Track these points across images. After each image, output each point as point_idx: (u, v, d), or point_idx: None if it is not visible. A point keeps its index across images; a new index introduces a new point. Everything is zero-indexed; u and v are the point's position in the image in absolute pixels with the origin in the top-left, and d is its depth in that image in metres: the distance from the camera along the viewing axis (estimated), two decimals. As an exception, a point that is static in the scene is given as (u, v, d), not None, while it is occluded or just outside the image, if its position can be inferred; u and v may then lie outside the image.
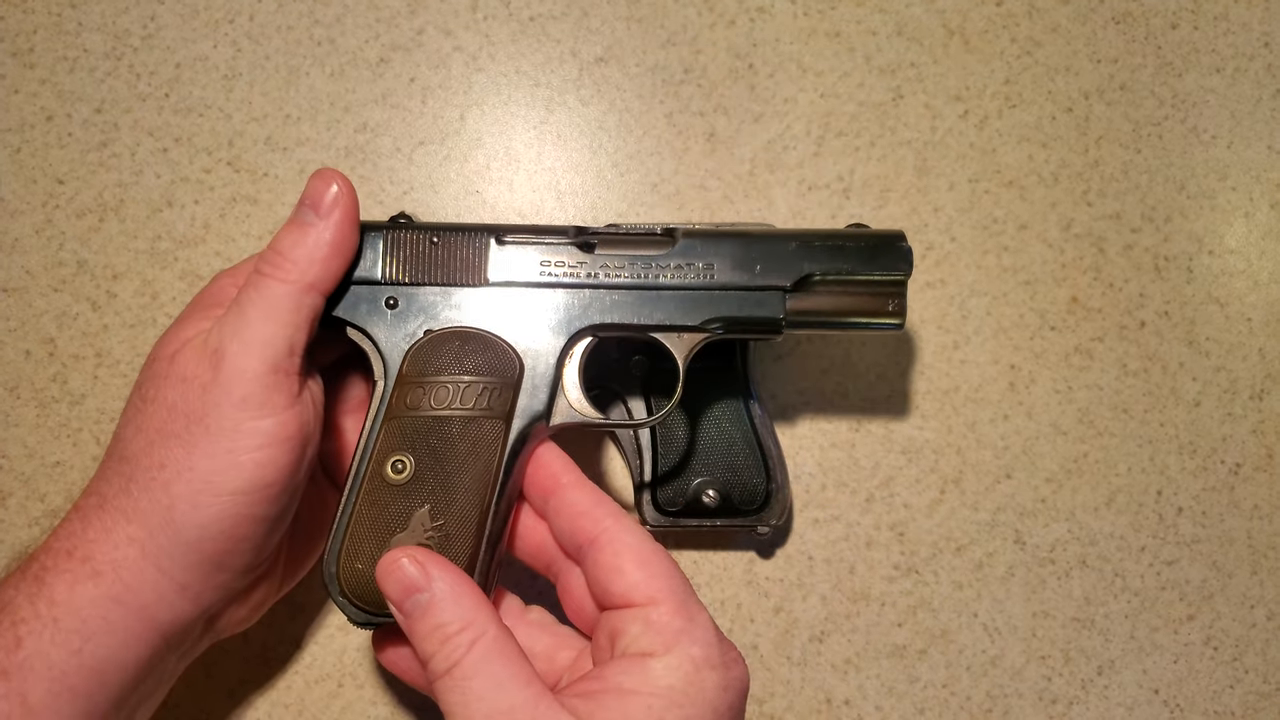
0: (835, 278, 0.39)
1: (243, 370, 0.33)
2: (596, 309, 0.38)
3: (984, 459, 0.48)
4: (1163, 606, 0.48)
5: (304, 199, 0.36)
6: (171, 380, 0.34)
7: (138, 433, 0.34)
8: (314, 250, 0.35)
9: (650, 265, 0.38)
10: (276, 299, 0.34)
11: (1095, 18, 0.51)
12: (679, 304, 0.38)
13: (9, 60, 0.49)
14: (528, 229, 0.38)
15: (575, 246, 0.38)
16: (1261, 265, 0.50)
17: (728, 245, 0.38)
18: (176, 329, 0.36)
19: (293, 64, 0.49)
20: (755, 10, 0.50)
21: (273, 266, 0.35)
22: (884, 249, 0.39)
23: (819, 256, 0.39)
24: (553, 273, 0.37)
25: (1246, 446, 0.49)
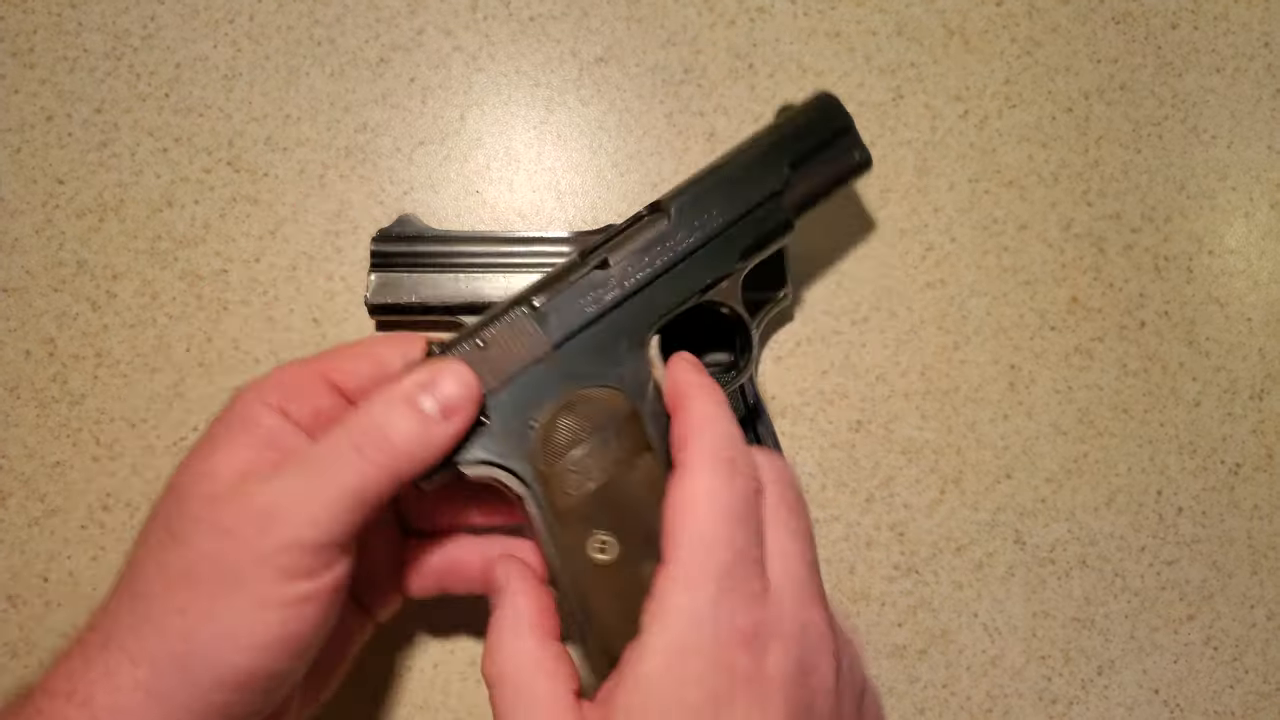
0: (805, 159, 0.40)
1: (298, 542, 0.30)
2: (645, 310, 0.37)
3: (984, 459, 0.48)
4: (1163, 606, 0.48)
5: (431, 388, 0.32)
6: (207, 528, 0.30)
7: (160, 572, 0.31)
8: (426, 450, 0.32)
9: (664, 245, 0.37)
10: (363, 482, 0.31)
11: (1095, 18, 0.51)
12: (707, 261, 0.38)
13: (9, 60, 0.49)
14: (549, 282, 0.36)
15: (595, 270, 0.37)
16: (1261, 265, 0.50)
17: (715, 189, 0.38)
18: (206, 457, 0.32)
19: (293, 64, 0.49)
20: (755, 10, 0.50)
21: (374, 449, 0.31)
22: (824, 112, 0.41)
23: (787, 149, 0.40)
24: (593, 304, 0.36)
25: (1246, 446, 0.49)
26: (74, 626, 0.45)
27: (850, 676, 0.31)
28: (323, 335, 0.47)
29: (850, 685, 0.31)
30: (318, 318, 0.47)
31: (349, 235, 0.48)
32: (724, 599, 0.29)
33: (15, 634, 0.45)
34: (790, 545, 0.31)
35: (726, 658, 0.28)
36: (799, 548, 0.31)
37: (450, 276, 0.45)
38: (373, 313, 0.45)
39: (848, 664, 0.31)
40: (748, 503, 0.31)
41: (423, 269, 0.45)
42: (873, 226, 0.49)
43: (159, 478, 0.46)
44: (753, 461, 0.32)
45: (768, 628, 0.29)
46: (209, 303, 0.47)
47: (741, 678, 0.28)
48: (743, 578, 0.29)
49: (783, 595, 0.30)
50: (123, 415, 0.46)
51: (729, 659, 0.28)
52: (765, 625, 0.29)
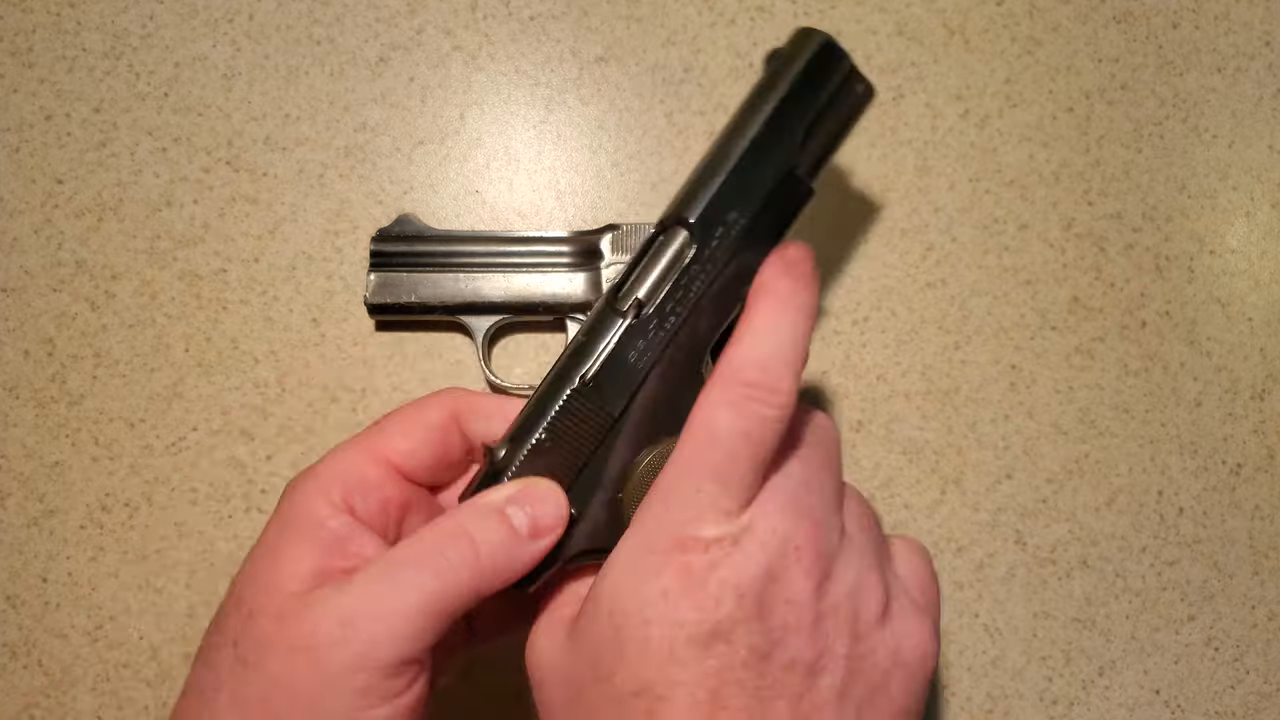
0: (815, 121, 0.35)
1: (376, 660, 0.28)
2: (693, 340, 0.33)
3: (985, 459, 0.48)
4: (1164, 607, 0.47)
5: (523, 502, 0.31)
6: (280, 650, 0.28)
7: (233, 703, 0.28)
8: (510, 566, 0.30)
9: (693, 268, 0.33)
10: (444, 589, 0.29)
11: (1096, 17, 0.51)
12: (740, 266, 0.33)
13: (8, 59, 0.49)
14: (588, 345, 0.33)
15: (633, 322, 0.33)
16: (1263, 265, 0.50)
17: (730, 186, 0.33)
18: (270, 568, 0.30)
19: (292, 63, 0.49)
20: (755, 9, 0.50)
21: (458, 555, 0.29)
22: (821, 57, 0.35)
23: (795, 116, 0.34)
24: (641, 356, 0.33)
25: (1248, 447, 0.49)
26: (72, 627, 0.45)
27: (849, 603, 0.30)
28: (322, 335, 0.47)
29: (843, 607, 0.30)
30: (317, 317, 0.47)
31: (348, 235, 0.48)
32: (690, 509, 0.29)
33: (15, 634, 0.45)
34: (793, 462, 0.31)
35: (681, 560, 0.29)
36: (800, 465, 0.31)
37: (450, 276, 0.45)
38: (372, 312, 0.45)
39: (846, 589, 0.30)
40: (747, 433, 0.30)
41: (422, 269, 0.45)
42: (873, 226, 0.49)
43: (158, 478, 0.46)
44: (783, 390, 0.31)
45: (733, 536, 0.29)
46: (208, 302, 0.47)
47: (693, 579, 0.29)
48: (715, 494, 0.29)
49: (763, 509, 0.30)
50: (122, 415, 0.46)
51: (683, 561, 0.29)
52: (730, 535, 0.29)
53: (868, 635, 0.30)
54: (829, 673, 0.29)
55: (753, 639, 0.28)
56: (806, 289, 0.32)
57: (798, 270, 0.32)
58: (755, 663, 0.28)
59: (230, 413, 0.46)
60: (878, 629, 0.30)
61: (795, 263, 0.32)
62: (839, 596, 0.30)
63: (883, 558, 0.33)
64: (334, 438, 0.46)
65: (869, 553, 0.32)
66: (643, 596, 0.29)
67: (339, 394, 0.47)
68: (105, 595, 0.45)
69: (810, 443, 0.33)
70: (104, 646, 0.45)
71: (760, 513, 0.30)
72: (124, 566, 0.46)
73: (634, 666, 0.28)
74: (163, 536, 0.46)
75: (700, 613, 0.28)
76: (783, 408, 0.31)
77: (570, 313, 0.45)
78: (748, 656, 0.28)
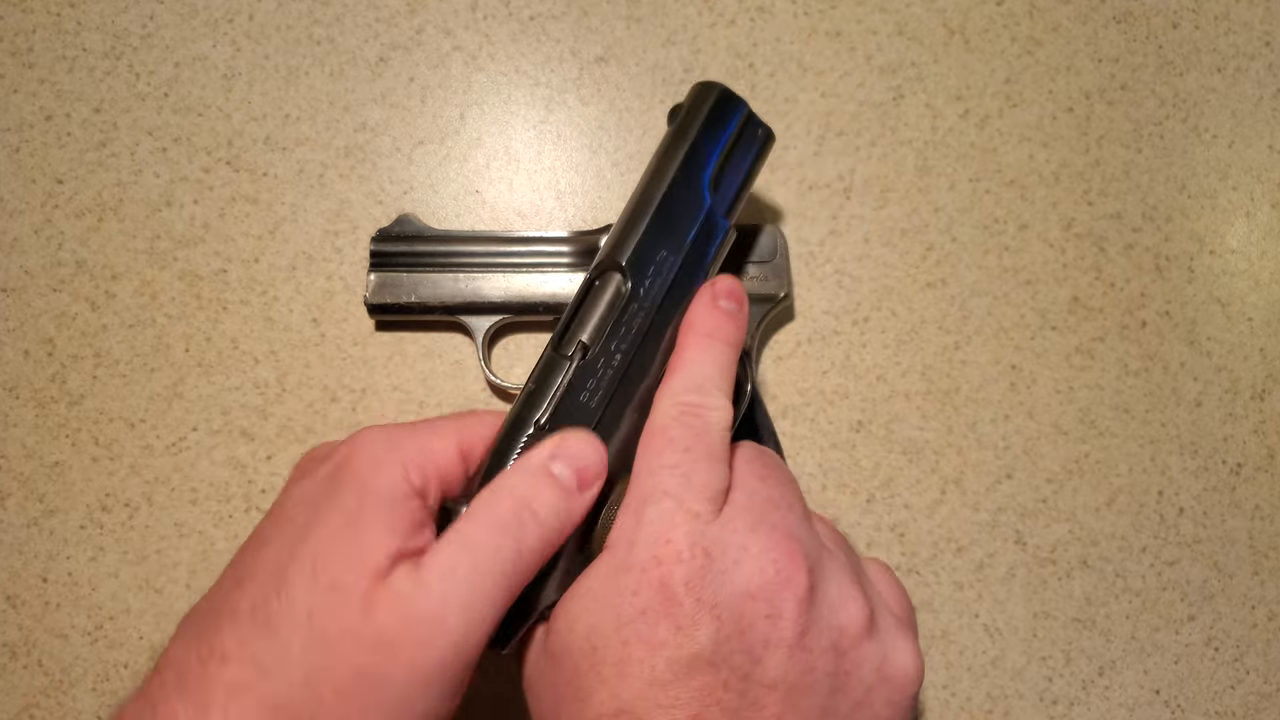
0: (720, 166, 0.38)
1: (466, 653, 0.27)
2: (642, 373, 0.34)
3: (985, 459, 0.48)
4: (1164, 607, 0.47)
5: (563, 456, 0.30)
6: (366, 641, 0.26)
7: (307, 682, 0.26)
8: (568, 523, 0.30)
9: (632, 307, 0.34)
10: (519, 565, 0.28)
11: (1096, 17, 0.51)
12: (677, 300, 0.35)
13: (8, 60, 0.49)
14: (538, 392, 0.33)
15: (581, 363, 0.33)
16: (1263, 265, 0.50)
17: (654, 229, 0.35)
18: (354, 535, 0.28)
19: (292, 63, 0.49)
20: (755, 10, 0.50)
21: (525, 528, 0.29)
22: (717, 106, 0.38)
23: (700, 162, 0.37)
24: (593, 395, 0.33)
25: (1248, 447, 0.49)
26: (72, 627, 0.45)
27: (831, 616, 0.30)
28: (322, 335, 0.47)
29: (825, 621, 0.30)
30: (317, 317, 0.47)
31: (348, 235, 0.48)
32: (662, 519, 0.30)
33: (15, 634, 0.45)
34: (753, 481, 0.32)
35: (656, 574, 0.29)
36: (762, 484, 0.32)
37: (450, 276, 0.45)
38: (372, 312, 0.45)
39: (827, 603, 0.30)
40: (697, 434, 0.31)
41: (422, 269, 0.45)
42: (873, 226, 0.49)
43: (158, 478, 0.46)
44: (720, 404, 0.32)
45: (705, 549, 0.29)
46: (208, 303, 0.47)
47: (670, 597, 0.28)
48: (685, 500, 0.30)
49: (732, 525, 0.30)
50: (122, 415, 0.46)
51: (659, 575, 0.29)
52: (703, 546, 0.29)
53: (852, 650, 0.30)
54: (813, 690, 0.29)
55: (734, 659, 0.28)
56: (729, 322, 0.34)
57: (720, 306, 0.34)
58: (736, 683, 0.28)
59: (230, 413, 0.46)
60: (862, 642, 0.30)
61: (719, 296, 0.35)
62: (821, 610, 0.30)
63: (860, 573, 0.33)
64: (334, 438, 0.46)
65: (848, 567, 0.32)
66: (620, 615, 0.29)
67: (339, 394, 0.47)
68: (105, 595, 0.45)
69: (767, 466, 0.33)
70: (104, 646, 0.45)
71: (729, 529, 0.30)
72: (124, 566, 0.46)
73: (613, 687, 0.28)
74: (163, 536, 0.46)
75: (679, 634, 0.28)
76: (723, 412, 0.32)
77: (570, 313, 0.45)
78: (729, 677, 0.28)
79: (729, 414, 0.32)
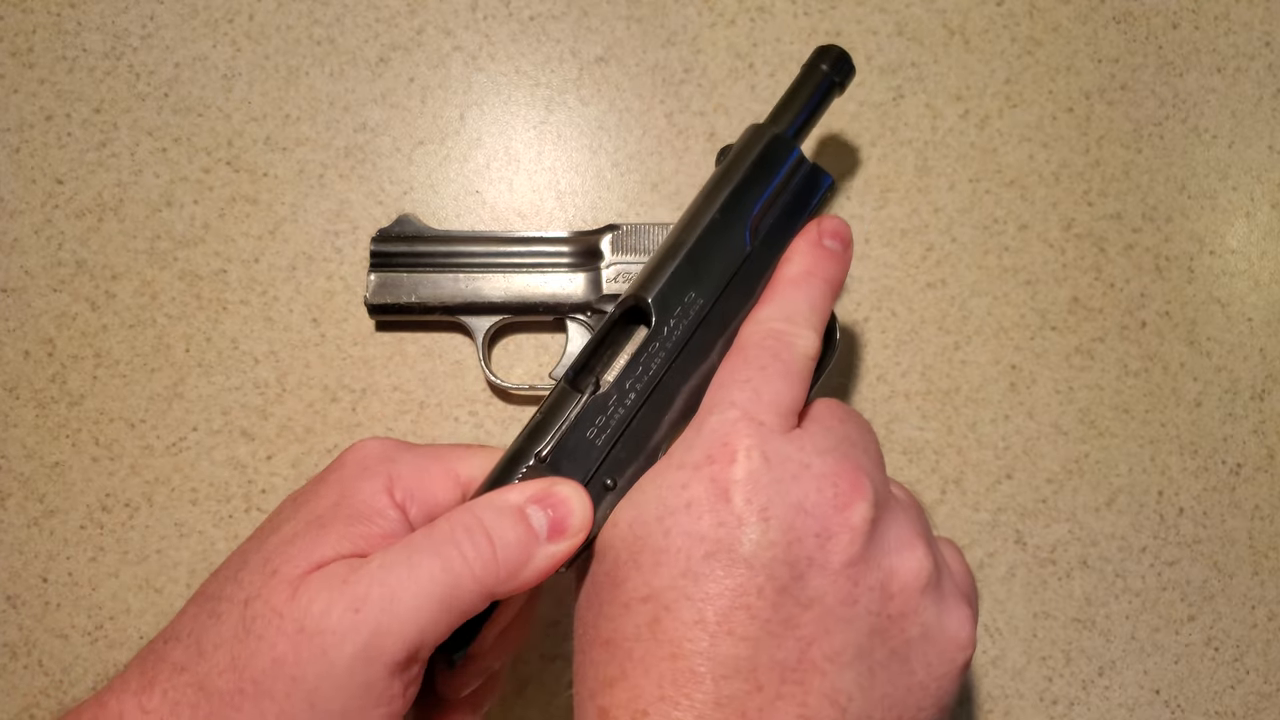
0: (766, 212, 0.36)
1: (382, 653, 0.27)
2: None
3: (985, 459, 0.48)
4: (1164, 607, 0.47)
5: (543, 502, 0.30)
6: (289, 629, 0.27)
7: (232, 668, 0.27)
8: (523, 571, 0.29)
9: (653, 347, 0.33)
10: (456, 583, 0.27)
11: (1096, 17, 0.51)
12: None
13: (8, 60, 0.49)
14: (545, 424, 0.32)
15: (590, 399, 0.32)
16: (1263, 265, 0.50)
17: (687, 271, 0.34)
18: (317, 535, 0.28)
19: (292, 64, 0.49)
20: (756, 10, 0.50)
21: (474, 551, 0.28)
22: (769, 152, 0.36)
23: (746, 201, 0.35)
24: (600, 433, 0.32)
25: (1248, 447, 0.49)
26: (72, 627, 0.45)
27: (886, 558, 0.28)
28: (322, 335, 0.47)
29: (878, 560, 0.28)
30: (317, 318, 0.47)
31: (348, 235, 0.48)
32: (723, 425, 0.29)
33: (15, 634, 0.45)
34: (831, 420, 0.31)
35: (709, 470, 0.28)
36: (840, 424, 0.31)
37: (450, 276, 0.45)
38: (372, 313, 0.45)
39: (884, 544, 0.29)
40: (775, 354, 0.30)
41: (422, 269, 0.45)
42: (873, 226, 0.49)
43: (158, 478, 0.46)
44: (807, 336, 0.31)
45: (764, 454, 0.28)
46: (208, 303, 0.47)
47: (719, 493, 0.28)
48: (752, 410, 0.29)
49: (800, 445, 0.29)
50: (122, 415, 0.46)
51: (712, 472, 0.28)
52: (762, 450, 0.28)
53: (901, 595, 0.28)
54: (850, 623, 0.27)
55: (774, 568, 0.27)
56: (831, 260, 0.33)
57: (824, 245, 0.33)
58: (772, 593, 0.27)
59: (230, 413, 0.46)
60: (915, 595, 0.28)
61: (824, 235, 0.34)
62: (875, 547, 0.28)
63: (930, 535, 0.31)
64: (334, 438, 0.46)
65: (916, 521, 0.30)
66: (666, 505, 0.28)
67: (339, 394, 0.47)
68: (105, 595, 0.45)
69: (850, 413, 0.32)
70: (104, 646, 0.45)
71: (795, 445, 0.29)
72: (124, 566, 0.46)
73: (646, 573, 0.28)
74: (163, 536, 0.46)
75: (722, 529, 0.27)
76: (808, 341, 0.31)
77: (570, 313, 0.45)
78: (765, 585, 0.27)
79: (815, 345, 0.31)
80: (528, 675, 0.45)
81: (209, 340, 0.47)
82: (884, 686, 0.28)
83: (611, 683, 0.27)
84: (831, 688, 0.27)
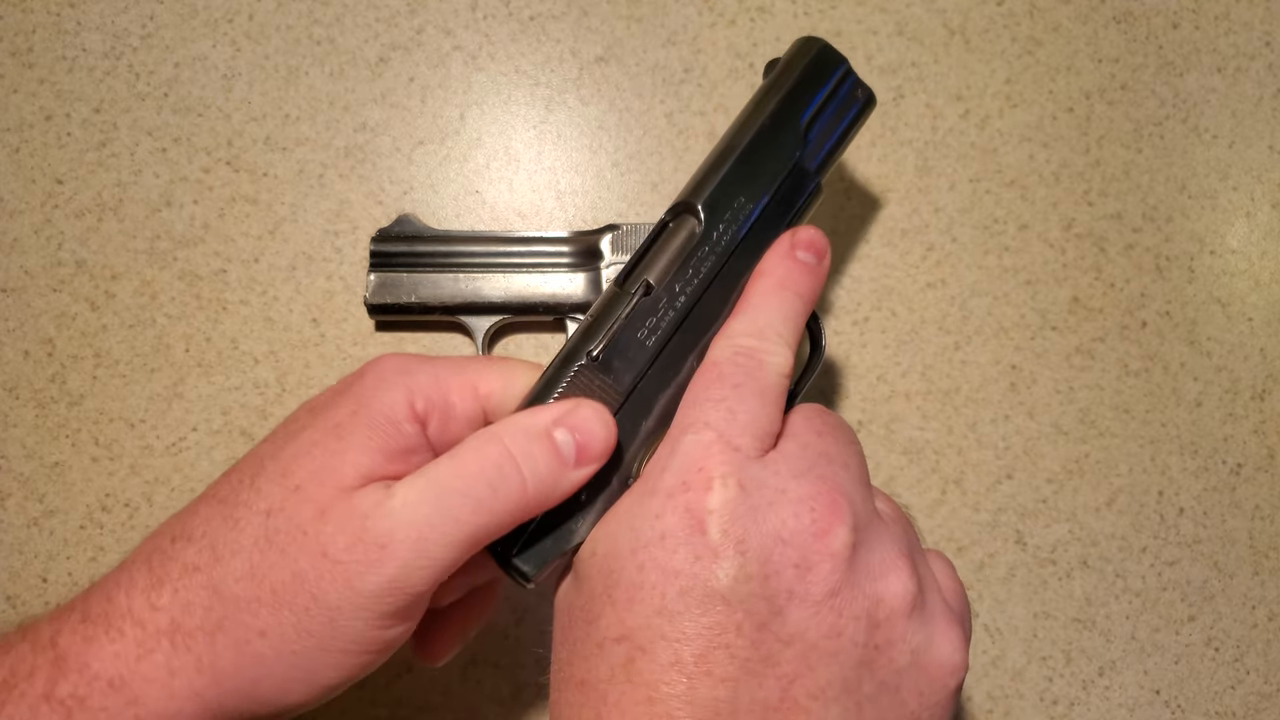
0: (815, 116, 0.36)
1: (407, 587, 0.27)
2: (703, 321, 0.33)
3: (985, 459, 0.48)
4: (1164, 607, 0.47)
5: (570, 425, 0.29)
6: (313, 549, 0.27)
7: (250, 576, 0.27)
8: (551, 496, 0.29)
9: (702, 250, 0.33)
10: (489, 522, 0.27)
11: (1096, 17, 0.51)
12: (750, 252, 0.34)
13: (7, 60, 0.49)
14: (597, 324, 0.33)
15: (642, 298, 0.33)
16: (1263, 265, 0.50)
17: (736, 174, 0.35)
18: (336, 446, 0.28)
19: (292, 63, 0.49)
20: (756, 9, 0.50)
21: (507, 489, 0.28)
22: (818, 60, 0.37)
23: (795, 110, 0.36)
24: (651, 334, 0.33)
25: (1248, 447, 0.49)
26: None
27: (870, 584, 0.28)
28: (322, 335, 0.47)
29: (862, 587, 0.27)
30: (317, 318, 0.47)
31: (348, 235, 0.48)
32: (698, 448, 0.28)
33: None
34: (808, 434, 0.30)
35: (683, 499, 0.27)
36: (818, 439, 0.30)
37: (450, 276, 0.45)
38: (372, 313, 0.45)
39: (867, 569, 0.28)
40: (748, 372, 0.30)
41: (422, 269, 0.45)
42: (873, 226, 0.49)
43: (158, 478, 0.46)
44: (779, 351, 0.31)
45: (740, 482, 0.28)
46: (208, 303, 0.47)
47: (694, 524, 0.27)
48: (726, 432, 0.29)
49: (775, 468, 0.28)
50: (122, 415, 0.46)
51: (686, 501, 0.27)
52: (738, 478, 0.28)
53: (887, 624, 0.27)
54: (835, 657, 0.26)
55: (752, 603, 0.26)
56: (804, 274, 0.33)
57: (796, 257, 0.33)
58: (751, 630, 0.26)
59: (230, 413, 0.46)
60: (901, 620, 0.27)
61: (798, 246, 0.33)
62: (858, 573, 0.27)
63: (916, 551, 0.30)
64: (334, 438, 0.46)
65: (901, 539, 0.29)
66: (639, 538, 0.27)
67: (339, 394, 0.47)
68: (105, 595, 0.45)
69: (827, 424, 0.32)
70: (104, 647, 0.45)
71: (771, 470, 0.28)
72: (124, 567, 0.46)
73: (620, 611, 0.27)
74: (163, 537, 0.46)
75: (698, 564, 0.26)
76: (781, 358, 0.31)
77: (570, 313, 0.45)
78: (744, 622, 0.26)
79: (788, 362, 0.31)
80: (524, 680, 0.45)
81: (209, 340, 0.47)
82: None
83: None
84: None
